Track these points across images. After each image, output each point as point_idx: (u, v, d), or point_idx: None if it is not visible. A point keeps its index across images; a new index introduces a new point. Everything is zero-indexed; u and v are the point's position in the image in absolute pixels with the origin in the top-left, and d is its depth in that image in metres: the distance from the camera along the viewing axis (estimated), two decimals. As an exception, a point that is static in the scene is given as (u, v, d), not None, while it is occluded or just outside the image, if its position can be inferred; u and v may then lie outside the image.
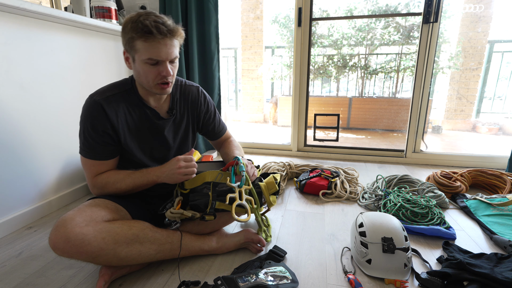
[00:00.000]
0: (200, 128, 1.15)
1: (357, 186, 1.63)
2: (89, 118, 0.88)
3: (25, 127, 1.24)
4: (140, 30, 0.80)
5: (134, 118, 0.95)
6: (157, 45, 0.82)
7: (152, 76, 0.86)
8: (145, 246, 0.87)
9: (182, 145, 1.10)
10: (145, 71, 0.86)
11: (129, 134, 0.95)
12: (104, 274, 0.86)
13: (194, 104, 1.08)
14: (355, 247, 0.98)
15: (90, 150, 0.91)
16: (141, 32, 0.80)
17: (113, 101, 0.90)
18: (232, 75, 5.03)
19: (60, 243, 0.74)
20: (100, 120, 0.88)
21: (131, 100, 0.94)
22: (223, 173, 0.98)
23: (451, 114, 4.15)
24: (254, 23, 4.71)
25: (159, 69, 0.85)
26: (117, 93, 0.92)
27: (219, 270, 0.95)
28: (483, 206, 1.32)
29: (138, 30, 0.80)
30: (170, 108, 1.02)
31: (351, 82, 4.71)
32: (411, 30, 4.15)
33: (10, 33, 1.15)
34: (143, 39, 0.81)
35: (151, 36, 0.80)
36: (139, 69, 0.86)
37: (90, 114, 0.88)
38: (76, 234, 0.75)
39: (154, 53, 0.82)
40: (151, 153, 1.02)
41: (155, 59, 0.83)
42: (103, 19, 1.60)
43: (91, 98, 0.89)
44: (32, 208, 1.30)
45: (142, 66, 0.85)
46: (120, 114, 0.91)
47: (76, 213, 0.80)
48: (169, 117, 1.01)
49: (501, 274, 0.84)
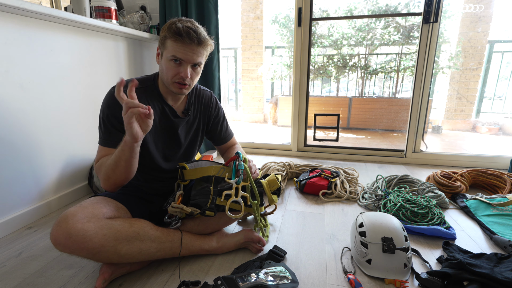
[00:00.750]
0: (207, 131, 1.19)
1: (357, 186, 1.63)
2: (110, 103, 0.91)
3: (25, 127, 1.24)
4: (173, 31, 0.88)
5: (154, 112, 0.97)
6: (183, 46, 0.89)
7: (171, 74, 0.92)
8: (145, 244, 0.87)
9: (190, 145, 1.13)
10: (168, 68, 0.92)
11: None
12: (104, 272, 0.86)
13: (206, 107, 1.14)
14: (355, 247, 0.98)
15: (106, 135, 0.92)
16: (173, 32, 0.88)
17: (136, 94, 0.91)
18: (232, 75, 5.03)
19: (62, 239, 0.75)
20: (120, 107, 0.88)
21: (152, 95, 0.99)
22: (225, 167, 1.00)
23: (451, 114, 4.15)
24: (254, 23, 4.71)
25: (179, 69, 0.92)
26: (140, 87, 0.96)
27: (219, 270, 0.95)
28: (483, 206, 1.32)
29: (171, 30, 0.89)
30: (186, 108, 1.07)
31: (351, 82, 4.71)
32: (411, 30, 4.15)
33: (10, 33, 1.15)
34: (173, 39, 0.89)
35: (180, 38, 0.88)
36: (164, 65, 0.93)
37: (111, 101, 0.91)
38: (77, 230, 0.76)
39: (179, 53, 0.89)
40: (162, 148, 1.04)
41: (178, 58, 0.90)
42: (103, 19, 1.60)
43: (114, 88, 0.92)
44: (32, 208, 1.30)
45: (166, 63, 0.92)
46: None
47: (78, 209, 0.81)
48: (184, 117, 1.06)
49: (501, 274, 0.84)
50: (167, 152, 1.06)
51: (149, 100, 0.98)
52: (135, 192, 1.04)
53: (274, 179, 1.12)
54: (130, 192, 1.03)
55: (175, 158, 1.09)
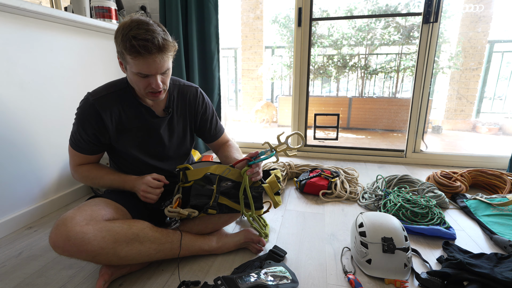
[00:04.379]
0: (197, 129, 1.15)
1: (357, 186, 1.63)
2: (81, 118, 0.93)
3: (25, 127, 1.24)
4: (128, 49, 0.80)
5: (129, 116, 0.97)
6: (146, 61, 0.81)
7: (142, 86, 0.88)
8: (145, 246, 0.87)
9: (180, 144, 1.11)
10: (136, 81, 0.88)
11: (123, 132, 0.97)
12: (104, 273, 0.86)
13: (191, 104, 1.09)
14: (355, 247, 0.98)
15: (76, 143, 0.96)
16: (129, 51, 0.80)
17: (108, 101, 0.94)
18: (232, 75, 5.02)
19: (60, 242, 0.75)
20: (92, 122, 0.93)
21: (126, 99, 0.96)
22: (231, 168, 0.99)
23: (451, 114, 4.15)
24: (254, 23, 4.71)
25: (149, 81, 0.86)
26: (113, 92, 0.95)
27: (219, 270, 0.95)
28: (483, 206, 1.32)
29: (126, 48, 0.80)
30: (166, 106, 1.03)
31: (351, 82, 4.71)
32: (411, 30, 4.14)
33: (10, 33, 1.15)
34: (131, 56, 0.81)
35: (139, 55, 0.80)
36: (131, 78, 0.89)
37: (83, 114, 0.93)
38: (76, 233, 0.75)
39: (143, 69, 0.83)
40: (148, 150, 1.03)
41: (144, 74, 0.84)
42: (103, 19, 1.60)
43: (87, 99, 0.93)
44: (32, 208, 1.30)
45: (133, 77, 0.87)
46: (114, 113, 0.94)
47: (77, 212, 0.80)
48: (165, 115, 1.03)
49: (501, 274, 0.84)
50: (154, 153, 1.05)
51: (124, 106, 0.95)
52: (134, 193, 1.03)
53: (274, 181, 1.09)
54: (128, 193, 1.02)
55: (164, 156, 1.07)
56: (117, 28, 0.84)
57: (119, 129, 0.96)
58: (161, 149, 1.06)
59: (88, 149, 0.97)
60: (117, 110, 0.95)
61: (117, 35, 0.83)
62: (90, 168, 1.00)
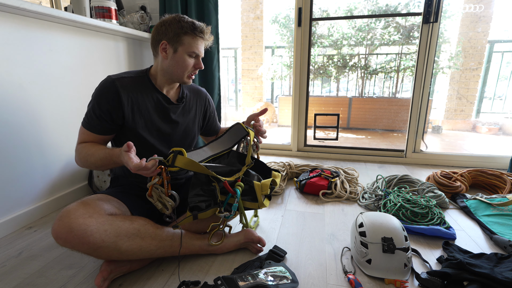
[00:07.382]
0: (205, 124, 1.26)
1: (357, 186, 1.63)
2: (99, 94, 0.95)
3: (25, 127, 1.24)
4: (190, 31, 0.98)
5: (146, 99, 1.02)
6: (199, 42, 1.01)
7: (189, 67, 1.02)
8: (146, 241, 0.88)
9: (186, 134, 1.15)
10: (186, 62, 1.01)
11: (138, 113, 1.00)
12: (104, 270, 0.86)
13: (202, 101, 1.21)
14: (355, 247, 0.98)
15: (88, 121, 0.96)
16: (191, 29, 0.98)
17: (128, 82, 0.99)
18: (232, 75, 5.03)
19: (63, 233, 0.76)
20: (109, 97, 0.95)
21: (145, 85, 1.03)
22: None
23: (451, 114, 4.15)
24: (254, 23, 4.71)
25: (196, 62, 1.03)
26: (133, 76, 1.02)
27: (219, 270, 0.95)
28: (483, 206, 1.32)
29: (187, 31, 0.98)
30: (180, 97, 1.12)
31: (351, 82, 4.71)
32: (411, 30, 4.15)
33: (10, 33, 1.15)
34: (191, 36, 0.99)
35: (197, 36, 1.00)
36: (179, 59, 1.00)
37: (102, 90, 0.95)
38: (79, 225, 0.76)
39: (197, 48, 1.01)
40: (156, 133, 1.06)
41: (196, 53, 1.01)
42: (103, 19, 1.60)
43: (108, 77, 0.97)
44: (32, 208, 1.30)
45: (184, 57, 1.00)
46: (132, 94, 0.99)
47: (80, 205, 0.82)
48: (178, 103, 1.11)
49: (501, 274, 0.84)
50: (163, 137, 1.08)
51: (141, 89, 1.02)
52: (133, 190, 1.05)
53: (267, 184, 1.05)
54: (129, 191, 1.04)
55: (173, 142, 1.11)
56: (165, 19, 1.00)
57: (134, 110, 0.99)
58: (168, 134, 1.09)
59: (98, 127, 0.96)
60: (135, 92, 1.00)
61: (170, 22, 0.99)
62: (88, 144, 0.96)
